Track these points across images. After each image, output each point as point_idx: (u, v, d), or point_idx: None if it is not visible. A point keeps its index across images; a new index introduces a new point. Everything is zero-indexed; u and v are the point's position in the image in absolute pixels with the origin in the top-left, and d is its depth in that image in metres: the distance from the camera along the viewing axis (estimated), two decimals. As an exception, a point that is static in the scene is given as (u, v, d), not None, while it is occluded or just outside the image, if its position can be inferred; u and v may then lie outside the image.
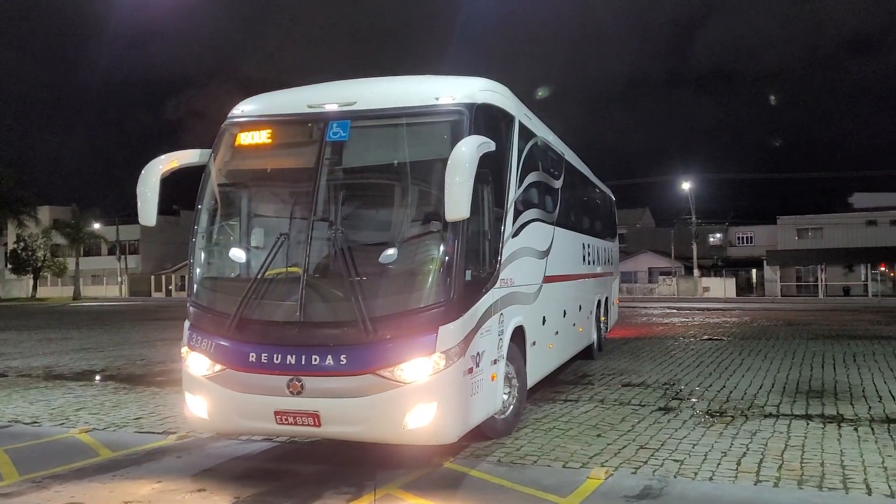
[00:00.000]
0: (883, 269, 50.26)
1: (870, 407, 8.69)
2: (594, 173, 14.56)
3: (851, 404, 8.87)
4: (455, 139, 5.86)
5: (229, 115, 6.87)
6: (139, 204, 6.40)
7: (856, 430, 7.49)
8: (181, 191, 7.70)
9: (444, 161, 5.57)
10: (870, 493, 5.46)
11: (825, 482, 5.72)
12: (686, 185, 53.69)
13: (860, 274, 50.05)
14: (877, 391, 9.76)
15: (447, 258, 5.83)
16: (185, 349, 6.36)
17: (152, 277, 74.40)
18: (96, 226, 69.85)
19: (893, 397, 9.29)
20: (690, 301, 43.82)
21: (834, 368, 12.08)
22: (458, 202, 5.44)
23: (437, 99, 6.32)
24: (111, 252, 72.81)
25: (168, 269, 72.49)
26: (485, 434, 6.92)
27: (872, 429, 7.52)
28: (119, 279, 72.81)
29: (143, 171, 6.42)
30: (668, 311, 32.22)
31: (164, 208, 6.68)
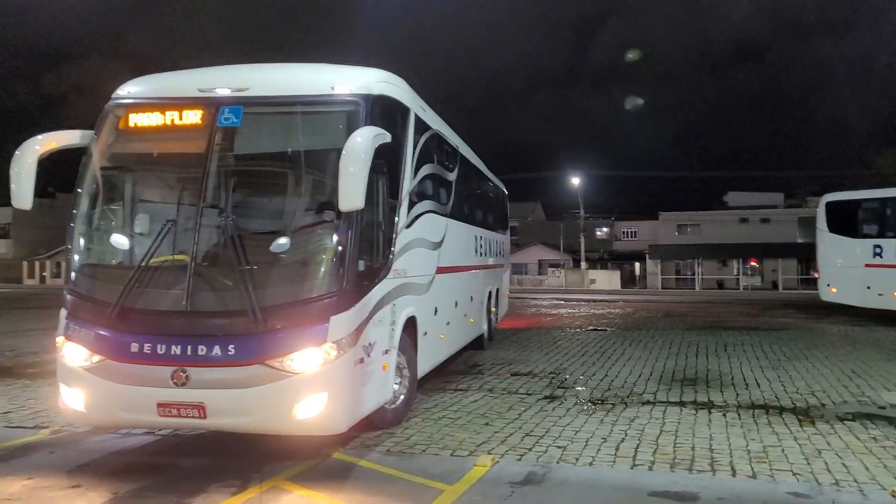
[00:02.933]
0: (753, 264, 53.53)
1: (737, 394, 9.28)
2: (488, 167, 14.82)
3: (721, 391, 9.45)
4: (350, 129, 5.84)
5: (114, 95, 6.58)
6: (13, 186, 6.02)
7: (724, 415, 7.99)
8: (58, 172, 7.30)
9: (339, 151, 5.55)
10: (734, 475, 5.86)
11: (695, 465, 6.09)
12: (575, 181, 55.34)
13: (733, 268, 53.11)
14: (744, 379, 10.43)
15: (340, 248, 5.82)
16: (60, 338, 6.06)
17: (25, 263, 69.91)
18: (-39, 206, 65.05)
19: (759, 384, 9.96)
20: (578, 293, 45.27)
21: (707, 358, 12.82)
22: (352, 192, 5.44)
23: (332, 88, 6.28)
24: (-22, 235, 68.04)
25: (42, 254, 68.28)
26: (375, 424, 6.96)
27: (739, 414, 8.05)
28: (-13, 264, 68.09)
29: (17, 151, 6.04)
30: (556, 302, 33.19)
31: (40, 190, 6.31)
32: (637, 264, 59.39)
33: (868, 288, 19.42)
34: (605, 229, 68.96)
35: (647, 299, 37.07)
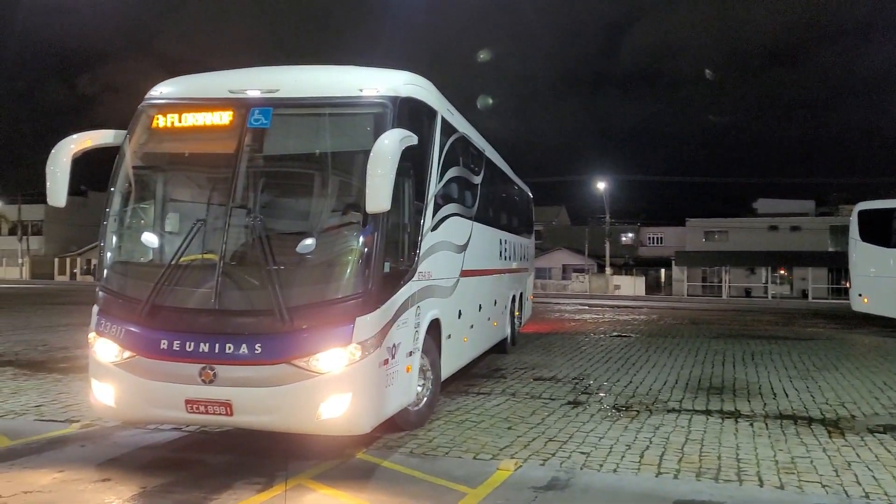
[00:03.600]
0: (782, 272, 52.87)
1: (765, 403, 9.17)
2: (513, 170, 14.79)
3: (748, 401, 9.34)
4: (378, 131, 5.87)
5: (147, 96, 6.69)
6: (48, 183, 6.15)
7: (751, 425, 7.90)
8: (90, 171, 7.44)
9: (366, 153, 5.57)
10: (761, 485, 5.78)
11: (721, 474, 6.03)
12: (601, 185, 55.05)
13: (761, 276, 52.48)
14: (772, 389, 10.30)
15: (366, 250, 5.85)
16: (92, 335, 6.17)
17: (56, 260, 71.09)
18: (-3, 203, 66.31)
19: (787, 394, 9.83)
20: (602, 298, 44.98)
21: (734, 366, 12.67)
22: (378, 194, 5.46)
23: (360, 90, 6.32)
24: (12, 232, 69.28)
25: (74, 251, 69.38)
26: (398, 425, 6.98)
27: (766, 424, 7.94)
28: (20, 261, 69.31)
29: (53, 150, 6.18)
30: (580, 307, 33.00)
31: (72, 189, 6.43)
32: (663, 271, 58.88)
33: (901, 299, 19.07)
34: (630, 235, 68.51)
35: (672, 306, 36.73)
